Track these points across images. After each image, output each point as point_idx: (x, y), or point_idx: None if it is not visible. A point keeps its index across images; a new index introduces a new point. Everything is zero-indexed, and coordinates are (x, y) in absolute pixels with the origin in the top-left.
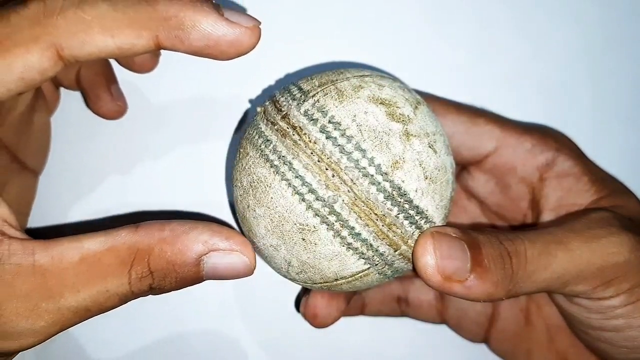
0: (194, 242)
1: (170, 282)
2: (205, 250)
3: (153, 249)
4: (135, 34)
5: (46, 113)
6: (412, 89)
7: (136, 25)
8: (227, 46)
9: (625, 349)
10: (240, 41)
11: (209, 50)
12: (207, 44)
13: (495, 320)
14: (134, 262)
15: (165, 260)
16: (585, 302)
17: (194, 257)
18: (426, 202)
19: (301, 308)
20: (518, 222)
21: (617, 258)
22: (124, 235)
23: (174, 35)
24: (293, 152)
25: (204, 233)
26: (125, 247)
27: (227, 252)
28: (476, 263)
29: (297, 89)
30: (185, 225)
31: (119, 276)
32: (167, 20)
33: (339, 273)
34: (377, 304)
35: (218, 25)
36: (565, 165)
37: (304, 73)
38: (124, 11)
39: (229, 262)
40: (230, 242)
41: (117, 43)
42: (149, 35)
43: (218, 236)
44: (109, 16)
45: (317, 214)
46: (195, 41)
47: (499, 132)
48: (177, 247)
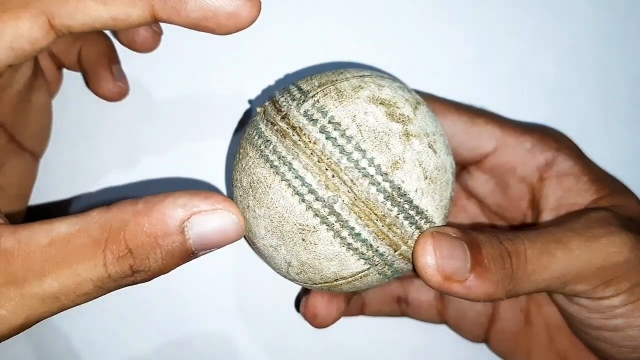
0: (172, 208)
1: (156, 260)
2: (187, 214)
3: (128, 223)
4: (129, 2)
5: (46, 93)
6: (412, 89)
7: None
8: (226, 18)
9: (625, 348)
10: (239, 14)
11: (206, 23)
12: (204, 15)
13: (495, 320)
14: (108, 241)
15: (143, 234)
16: (585, 301)
17: (176, 224)
18: (426, 202)
19: (301, 308)
20: (518, 222)
21: (617, 257)
22: (96, 214)
23: (170, 6)
24: (293, 152)
25: (182, 197)
26: (97, 226)
27: (211, 212)
28: (476, 263)
29: (296, 89)
30: (159, 195)
31: (92, 257)
32: None
33: (339, 273)
34: (377, 304)
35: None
36: (565, 165)
37: (304, 73)
38: None
39: (216, 224)
40: (212, 200)
41: (110, 12)
42: (144, 5)
43: (197, 197)
44: None
45: (317, 214)
46: (192, 12)
47: (499, 132)
48: (154, 217)
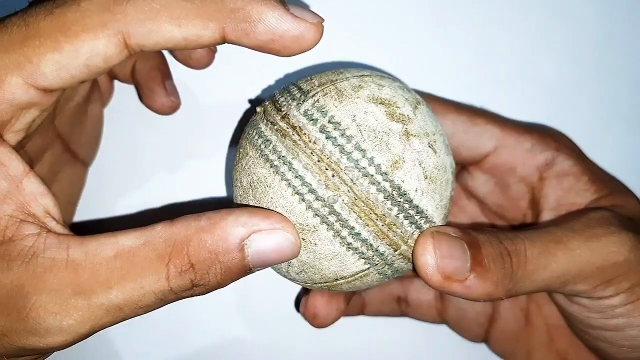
0: (234, 226)
1: (215, 275)
2: (247, 232)
3: (191, 240)
4: (202, 24)
5: (100, 105)
6: (411, 88)
7: (204, 16)
8: (291, 41)
9: (625, 348)
10: (304, 37)
11: (272, 45)
12: (272, 38)
13: (495, 320)
14: (172, 255)
15: (206, 250)
16: (585, 301)
17: (237, 241)
18: (426, 201)
19: (301, 308)
20: (518, 221)
21: (617, 257)
22: (160, 229)
23: (240, 28)
24: (293, 152)
25: (242, 215)
26: (162, 241)
27: (270, 231)
28: (476, 262)
29: (296, 89)
30: (221, 212)
31: (156, 271)
32: (234, 12)
33: (338, 273)
34: (377, 304)
35: (284, 19)
36: (564, 165)
37: (304, 73)
38: (192, 1)
39: (274, 242)
40: (271, 220)
41: (183, 33)
42: (216, 27)
43: (257, 216)
44: (177, 5)
45: (317, 214)
46: (261, 35)
47: (499, 131)
48: (216, 234)
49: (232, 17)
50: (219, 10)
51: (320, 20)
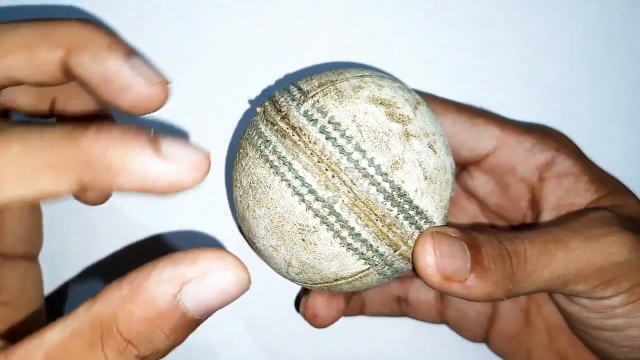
0: (157, 285)
1: (161, 341)
2: (175, 287)
3: (117, 315)
4: (54, 179)
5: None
6: (411, 89)
7: (55, 170)
8: (165, 187)
9: (625, 348)
10: (181, 181)
11: (143, 191)
12: (140, 186)
13: (495, 320)
14: (103, 339)
15: (137, 322)
16: (585, 301)
17: (167, 301)
18: (426, 202)
19: (301, 308)
20: (518, 222)
21: (617, 257)
22: (82, 312)
23: (99, 179)
24: (293, 152)
25: (166, 268)
26: (87, 326)
27: (201, 277)
28: (476, 263)
29: (296, 89)
30: (142, 271)
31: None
32: (90, 163)
33: (338, 273)
34: (377, 304)
35: (152, 165)
36: (564, 165)
37: (304, 73)
38: (41, 153)
39: (212, 287)
40: (199, 263)
41: (34, 190)
42: (70, 181)
43: (182, 264)
44: (23, 160)
45: (317, 214)
46: (126, 183)
47: (499, 131)
48: (141, 301)
49: (89, 168)
50: (73, 162)
51: (204, 156)
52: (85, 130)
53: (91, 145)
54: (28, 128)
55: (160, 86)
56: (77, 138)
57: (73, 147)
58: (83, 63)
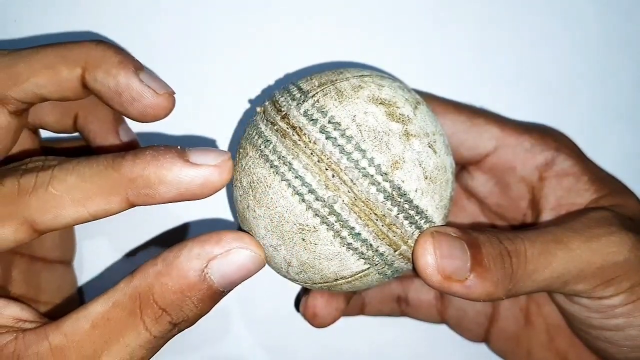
0: (188, 261)
1: (191, 309)
2: (203, 262)
3: (153, 287)
4: (105, 201)
5: None
6: (411, 88)
7: (105, 193)
8: (199, 189)
9: (625, 348)
10: (211, 181)
11: (183, 197)
12: (179, 193)
13: (495, 320)
14: (142, 307)
15: (170, 292)
16: (585, 301)
17: (196, 274)
18: (426, 202)
19: (301, 308)
20: (518, 221)
21: (617, 257)
22: (122, 286)
23: (143, 194)
24: (293, 152)
25: (194, 247)
26: (127, 297)
27: (225, 254)
28: (476, 262)
29: (296, 89)
30: (174, 249)
31: (133, 327)
32: (133, 182)
33: (338, 273)
34: (377, 303)
35: (184, 172)
36: (564, 165)
37: (304, 73)
38: (91, 181)
39: (234, 263)
40: (223, 243)
41: (89, 211)
42: (119, 199)
43: (208, 244)
44: (77, 188)
45: (317, 214)
46: (166, 194)
47: (499, 131)
48: (174, 274)
49: (132, 186)
50: (119, 184)
51: (225, 157)
52: (124, 157)
53: (130, 167)
54: (79, 161)
55: (165, 96)
56: (119, 164)
57: (117, 172)
58: (98, 78)
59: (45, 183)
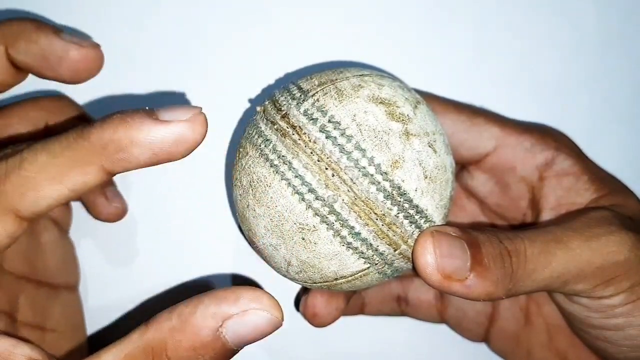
0: (203, 319)
1: None
2: (218, 322)
3: (167, 342)
4: (81, 172)
5: (54, 230)
6: (411, 88)
7: (79, 164)
8: (174, 147)
9: (625, 347)
10: (184, 137)
11: (159, 158)
12: (153, 153)
13: (495, 320)
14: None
15: (183, 349)
16: (585, 301)
17: (210, 333)
18: (426, 201)
19: (301, 307)
20: (518, 221)
21: (617, 257)
22: (136, 338)
23: (118, 159)
24: (293, 151)
25: (210, 305)
26: (140, 351)
27: (241, 315)
28: (476, 262)
29: (296, 88)
30: (190, 305)
31: None
32: (105, 148)
33: (338, 272)
34: (377, 303)
35: (154, 131)
36: (564, 164)
37: (304, 72)
38: (63, 155)
39: (250, 324)
40: (240, 303)
41: (68, 187)
42: (95, 169)
43: (225, 303)
44: (50, 165)
45: (316, 213)
46: (141, 155)
47: (499, 131)
48: (189, 331)
49: (105, 153)
50: (91, 152)
51: (196, 111)
52: (92, 125)
53: (100, 134)
54: (47, 139)
55: (91, 47)
56: (88, 132)
57: (87, 141)
58: (21, 50)
59: (16, 167)
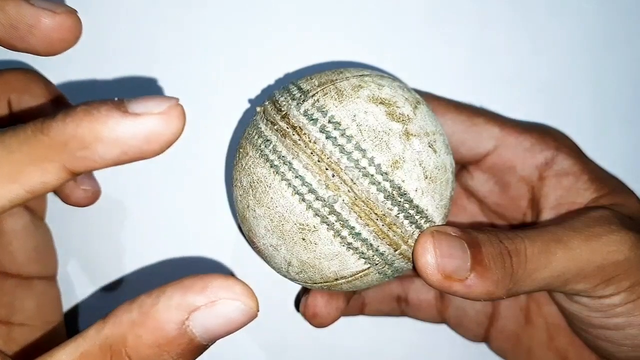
0: (167, 311)
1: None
2: (183, 314)
3: (126, 339)
4: (39, 171)
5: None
6: (411, 88)
7: (36, 162)
8: (146, 144)
9: (625, 347)
10: (158, 132)
11: (128, 157)
12: (122, 151)
13: (495, 319)
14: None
15: (145, 346)
16: (585, 300)
17: (175, 327)
18: (426, 201)
19: (301, 308)
20: (518, 221)
21: (617, 256)
22: (93, 334)
23: (80, 157)
24: (293, 152)
25: (174, 295)
26: (97, 348)
27: (209, 306)
28: (476, 262)
29: (296, 88)
30: (152, 295)
31: None
32: (66, 145)
33: (339, 273)
34: (377, 303)
35: (122, 126)
36: (564, 164)
37: (304, 73)
38: (20, 150)
39: (219, 315)
40: (207, 292)
41: (24, 187)
42: (55, 167)
43: (191, 292)
44: (5, 162)
45: (317, 213)
46: (107, 154)
47: (499, 131)
48: (150, 325)
49: (66, 150)
50: (50, 149)
51: (172, 102)
52: (53, 118)
53: (61, 128)
54: (3, 131)
55: (66, 14)
56: (48, 126)
57: (46, 136)
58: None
59: None
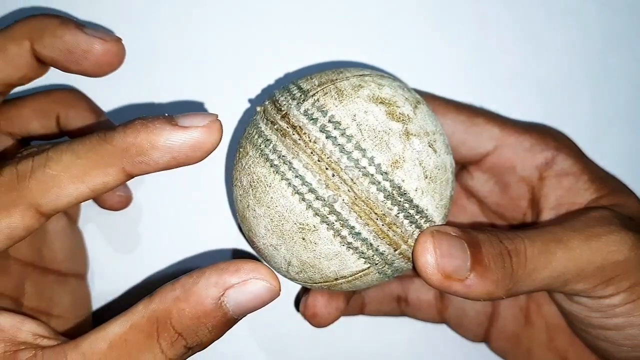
0: (206, 289)
1: (205, 335)
2: (220, 291)
3: (171, 311)
4: (102, 173)
5: (65, 220)
6: (411, 88)
7: (101, 166)
8: (192, 151)
9: (625, 347)
10: (202, 142)
11: (177, 162)
12: (172, 157)
13: (495, 320)
14: (159, 331)
15: (187, 318)
16: (585, 300)
17: (212, 302)
18: (426, 201)
19: (301, 307)
20: (518, 221)
21: (617, 256)
22: (141, 309)
23: (138, 162)
24: (293, 151)
25: (212, 275)
26: (145, 320)
27: (242, 284)
28: (476, 262)
29: (296, 88)
30: (193, 276)
31: (150, 349)
32: (126, 151)
33: (339, 272)
34: (377, 303)
35: (173, 136)
36: (564, 164)
37: (304, 72)
38: (86, 156)
39: (250, 293)
40: (240, 273)
41: (89, 186)
42: (116, 170)
43: (227, 273)
44: (74, 165)
45: (317, 213)
46: (160, 159)
47: (499, 131)
48: (192, 301)
49: (126, 156)
50: (113, 155)
51: (213, 118)
52: (115, 129)
53: (122, 138)
54: (72, 140)
55: (114, 42)
56: (111, 136)
57: (109, 144)
58: (46, 44)
59: (42, 165)
